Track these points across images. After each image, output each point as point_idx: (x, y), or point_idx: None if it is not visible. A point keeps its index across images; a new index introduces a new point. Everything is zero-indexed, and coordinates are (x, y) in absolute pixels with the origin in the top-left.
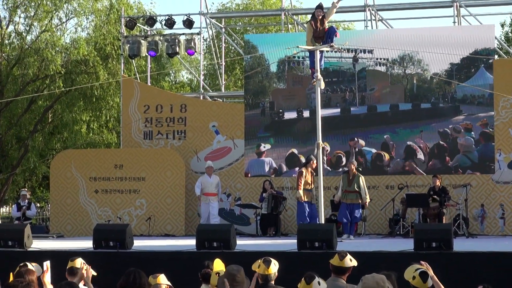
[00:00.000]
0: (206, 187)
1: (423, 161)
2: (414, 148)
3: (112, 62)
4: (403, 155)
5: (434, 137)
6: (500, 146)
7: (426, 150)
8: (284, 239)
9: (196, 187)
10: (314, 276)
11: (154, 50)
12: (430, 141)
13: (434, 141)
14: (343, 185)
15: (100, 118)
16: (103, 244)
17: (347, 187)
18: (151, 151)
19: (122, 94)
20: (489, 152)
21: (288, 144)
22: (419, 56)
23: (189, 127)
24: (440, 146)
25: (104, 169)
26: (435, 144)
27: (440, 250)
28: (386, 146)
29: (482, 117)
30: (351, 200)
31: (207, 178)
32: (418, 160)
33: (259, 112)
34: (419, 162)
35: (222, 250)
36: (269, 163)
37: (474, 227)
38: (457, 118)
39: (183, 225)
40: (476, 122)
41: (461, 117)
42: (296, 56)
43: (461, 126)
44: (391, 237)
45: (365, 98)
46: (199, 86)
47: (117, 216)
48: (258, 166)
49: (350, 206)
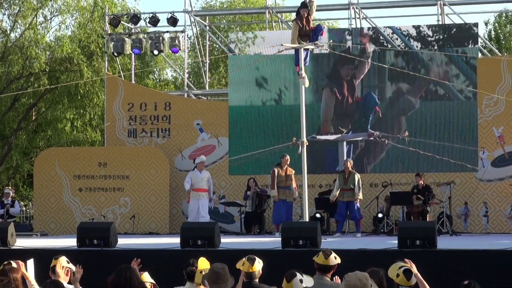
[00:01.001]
0: (196, 182)
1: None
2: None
3: (97, 60)
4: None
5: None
6: (484, 144)
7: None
8: (268, 237)
9: (186, 183)
10: (295, 274)
11: (138, 48)
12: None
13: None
14: (339, 183)
15: (84, 116)
16: (87, 243)
17: (343, 185)
18: (135, 149)
19: (106, 92)
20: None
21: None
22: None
23: (173, 125)
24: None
25: (88, 167)
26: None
27: (424, 248)
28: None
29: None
30: (348, 197)
31: (197, 173)
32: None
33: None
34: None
35: (207, 248)
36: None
37: (457, 225)
38: None
39: (167, 223)
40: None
41: None
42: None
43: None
44: (375, 235)
45: None
46: (184, 84)
47: (101, 214)
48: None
49: (347, 204)
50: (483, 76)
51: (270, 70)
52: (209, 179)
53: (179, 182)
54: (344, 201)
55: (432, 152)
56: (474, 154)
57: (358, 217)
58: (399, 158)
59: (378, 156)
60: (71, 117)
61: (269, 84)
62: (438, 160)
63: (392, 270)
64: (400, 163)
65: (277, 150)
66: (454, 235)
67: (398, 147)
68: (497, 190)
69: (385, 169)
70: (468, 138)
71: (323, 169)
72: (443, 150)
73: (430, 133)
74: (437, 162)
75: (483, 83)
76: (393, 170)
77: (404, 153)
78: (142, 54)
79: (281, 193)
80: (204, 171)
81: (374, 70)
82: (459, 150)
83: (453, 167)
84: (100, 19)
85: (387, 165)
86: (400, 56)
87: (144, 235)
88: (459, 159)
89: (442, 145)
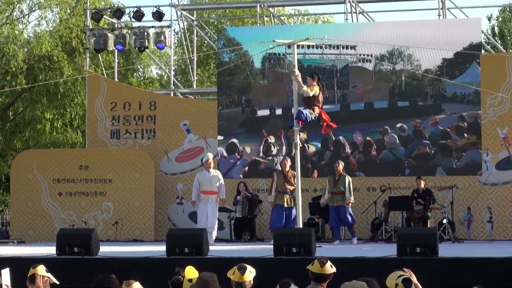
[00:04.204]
0: (203, 183)
1: (349, 153)
2: (342, 142)
3: (78, 57)
4: (331, 149)
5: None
6: (488, 146)
7: (361, 145)
8: (260, 245)
9: (194, 188)
10: (289, 284)
11: (122, 44)
12: (374, 137)
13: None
14: (329, 187)
15: (65, 116)
16: (67, 250)
17: (333, 188)
18: (118, 151)
19: (88, 91)
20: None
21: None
22: (409, 51)
23: (158, 126)
24: (367, 142)
25: (68, 170)
26: (364, 139)
27: (424, 255)
28: (326, 141)
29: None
30: (338, 202)
31: (204, 173)
32: (345, 153)
33: (240, 110)
34: (345, 155)
35: (194, 256)
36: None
37: (460, 232)
38: (436, 117)
39: (152, 230)
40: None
41: (442, 116)
42: (277, 52)
43: (412, 124)
44: (373, 242)
45: (346, 95)
46: (170, 82)
47: (82, 220)
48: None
49: (338, 209)
50: (487, 74)
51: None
52: (219, 179)
53: (165, 186)
54: (334, 206)
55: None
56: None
57: (351, 222)
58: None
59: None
60: (50, 117)
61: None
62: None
63: (391, 279)
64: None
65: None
66: (456, 242)
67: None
68: (502, 194)
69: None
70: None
71: (318, 172)
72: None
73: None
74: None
75: (487, 81)
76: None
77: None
78: (126, 51)
79: (278, 198)
80: (213, 171)
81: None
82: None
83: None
84: (82, 14)
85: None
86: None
87: (127, 243)
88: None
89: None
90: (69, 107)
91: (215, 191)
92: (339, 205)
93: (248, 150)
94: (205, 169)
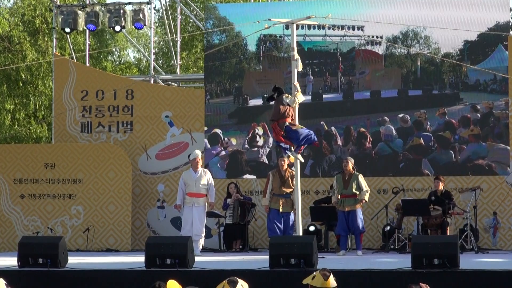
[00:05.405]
0: (189, 184)
1: (341, 145)
2: (333, 133)
3: (43, 38)
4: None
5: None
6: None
7: (354, 137)
8: (254, 255)
9: (179, 189)
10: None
11: (94, 23)
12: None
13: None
14: (338, 188)
15: (28, 107)
16: (31, 262)
17: (343, 190)
18: (90, 147)
19: (55, 77)
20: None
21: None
22: (426, 32)
23: (136, 118)
24: (361, 133)
25: (32, 169)
26: (357, 131)
27: (443, 268)
28: (319, 132)
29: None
30: (350, 206)
31: (191, 173)
32: (336, 145)
33: (231, 99)
34: (336, 147)
35: (177, 268)
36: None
37: (484, 240)
38: (453, 108)
39: (129, 238)
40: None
41: (459, 106)
42: (274, 33)
43: (416, 115)
44: (384, 252)
45: (351, 83)
46: (149, 67)
47: (47, 227)
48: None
49: (347, 214)
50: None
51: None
52: (208, 180)
53: (144, 188)
54: (344, 211)
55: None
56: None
57: (361, 230)
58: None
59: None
60: (11, 107)
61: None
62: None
63: None
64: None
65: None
66: (480, 252)
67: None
68: None
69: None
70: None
71: (321, 171)
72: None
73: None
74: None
75: None
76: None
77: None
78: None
79: (274, 201)
80: (202, 170)
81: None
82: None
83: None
84: None
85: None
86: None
87: (100, 253)
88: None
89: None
90: (32, 96)
91: (203, 194)
92: (352, 210)
93: (233, 142)
94: (192, 168)
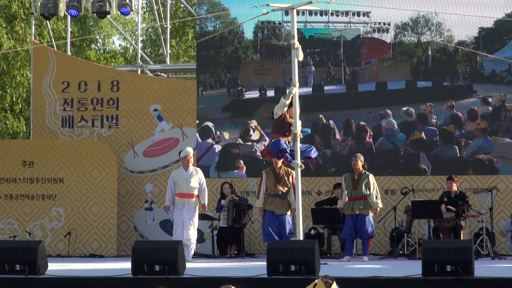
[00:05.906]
0: (179, 184)
1: (339, 139)
2: (332, 127)
3: (20, 24)
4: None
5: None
6: None
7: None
8: (250, 261)
9: (168, 189)
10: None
11: (76, 8)
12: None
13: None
14: (347, 189)
15: (4, 99)
16: (7, 268)
17: (353, 191)
18: (71, 143)
19: (33, 67)
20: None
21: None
22: (438, 19)
23: (122, 112)
24: (361, 127)
25: (8, 167)
26: (357, 124)
27: (456, 275)
28: (317, 125)
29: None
30: (359, 210)
31: (181, 171)
32: (335, 140)
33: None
34: (335, 142)
35: (167, 275)
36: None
37: (502, 245)
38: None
39: (114, 243)
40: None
41: (472, 99)
42: (272, 20)
43: (422, 108)
44: (392, 258)
45: (356, 74)
46: (136, 56)
47: (25, 231)
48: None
49: (356, 218)
50: None
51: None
52: (200, 179)
53: (130, 188)
54: (353, 215)
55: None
56: None
57: (370, 234)
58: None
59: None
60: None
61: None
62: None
63: None
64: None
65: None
66: (496, 258)
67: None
68: None
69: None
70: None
71: (323, 170)
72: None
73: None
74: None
75: None
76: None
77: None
78: (81, 17)
79: (268, 202)
80: (193, 169)
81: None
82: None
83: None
84: None
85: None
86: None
87: (83, 258)
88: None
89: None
90: (9, 88)
91: (194, 194)
92: (361, 213)
93: (226, 136)
94: (183, 167)
